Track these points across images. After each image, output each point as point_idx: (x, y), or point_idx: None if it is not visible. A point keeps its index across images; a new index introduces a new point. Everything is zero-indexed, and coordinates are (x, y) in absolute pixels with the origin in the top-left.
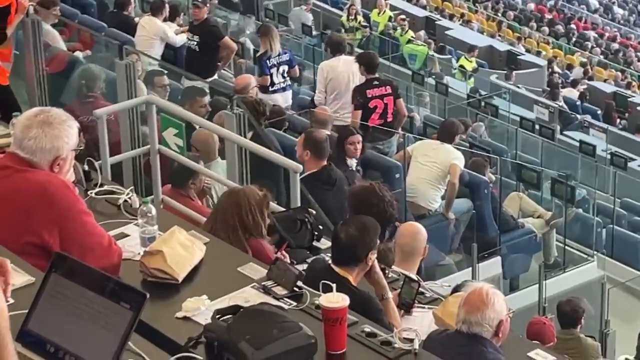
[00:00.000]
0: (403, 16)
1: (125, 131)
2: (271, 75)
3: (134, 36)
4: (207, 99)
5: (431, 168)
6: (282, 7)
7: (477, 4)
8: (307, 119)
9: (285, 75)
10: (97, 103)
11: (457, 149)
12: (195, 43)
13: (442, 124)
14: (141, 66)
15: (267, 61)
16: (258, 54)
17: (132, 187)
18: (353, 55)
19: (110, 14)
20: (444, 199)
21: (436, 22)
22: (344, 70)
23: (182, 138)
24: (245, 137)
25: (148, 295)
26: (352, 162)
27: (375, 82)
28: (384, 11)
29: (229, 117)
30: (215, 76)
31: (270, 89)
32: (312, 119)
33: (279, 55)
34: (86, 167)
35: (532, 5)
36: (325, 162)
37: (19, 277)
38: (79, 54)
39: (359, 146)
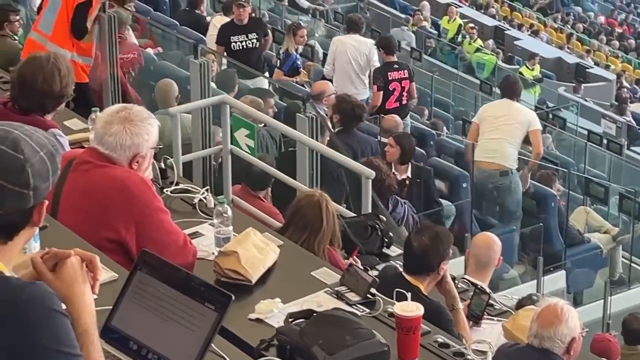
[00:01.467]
0: (472, 25)
1: (197, 130)
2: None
3: (205, 35)
4: (274, 99)
5: (511, 126)
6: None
7: (546, 15)
8: (375, 124)
9: None
10: None
11: None
12: (255, 40)
13: (505, 81)
14: (216, 66)
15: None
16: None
17: (207, 187)
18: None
19: (182, 12)
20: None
21: (505, 32)
22: (351, 47)
23: (253, 139)
24: (317, 140)
25: (233, 297)
26: None
27: (395, 66)
28: (454, 19)
29: (302, 120)
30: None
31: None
32: (381, 125)
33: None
34: (163, 165)
35: (602, 19)
36: None
37: (104, 273)
38: (150, 51)
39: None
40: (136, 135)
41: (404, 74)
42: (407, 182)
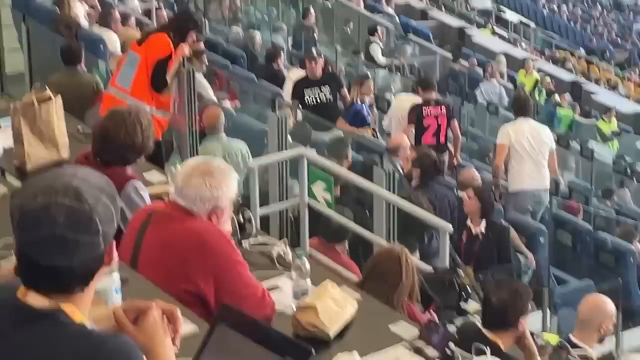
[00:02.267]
0: (549, 79)
1: (274, 183)
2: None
3: (282, 88)
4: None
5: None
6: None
7: (624, 70)
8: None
9: None
10: None
11: None
12: (328, 93)
13: (517, 100)
14: (292, 120)
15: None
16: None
17: (285, 240)
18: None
19: (260, 65)
20: None
21: (582, 86)
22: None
23: (330, 192)
24: (393, 193)
25: (314, 352)
26: None
27: (432, 102)
28: (531, 73)
29: (379, 173)
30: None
31: None
32: (458, 177)
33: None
34: (241, 218)
35: None
36: None
37: (184, 326)
38: (228, 105)
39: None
40: (215, 188)
41: (441, 111)
42: (482, 236)
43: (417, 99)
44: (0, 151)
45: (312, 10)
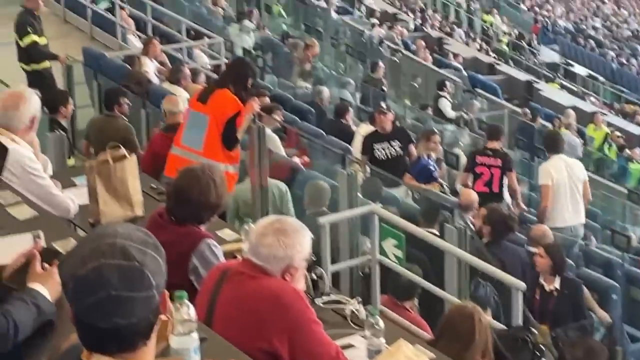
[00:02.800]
0: (618, 133)
1: (345, 240)
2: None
3: (351, 144)
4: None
5: (578, 184)
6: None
7: None
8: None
9: None
10: None
11: None
12: (398, 148)
13: (549, 137)
14: (362, 175)
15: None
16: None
17: (358, 298)
18: None
19: (328, 121)
20: None
21: None
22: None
23: (401, 249)
24: (466, 250)
25: None
26: None
27: (489, 151)
28: (601, 127)
29: (450, 230)
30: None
31: None
32: (529, 234)
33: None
34: (314, 276)
35: None
36: None
37: None
38: (298, 161)
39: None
40: (289, 247)
41: (496, 162)
42: (556, 293)
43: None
44: (75, 208)
45: (380, 63)
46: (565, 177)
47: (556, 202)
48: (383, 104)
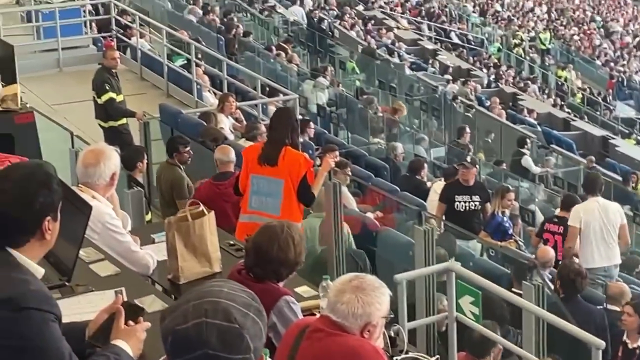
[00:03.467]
0: None
1: (421, 297)
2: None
3: (425, 200)
4: None
5: (610, 228)
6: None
7: None
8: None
9: None
10: None
11: None
12: (477, 203)
13: (587, 178)
14: (438, 232)
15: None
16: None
17: (438, 357)
18: None
19: (403, 177)
20: None
21: None
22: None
23: (478, 306)
24: (542, 307)
25: None
26: None
27: (555, 219)
28: None
29: (528, 288)
30: None
31: None
32: (606, 292)
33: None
34: (392, 333)
35: None
36: None
37: None
38: (370, 216)
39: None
40: (368, 304)
41: (558, 229)
42: (638, 350)
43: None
44: (154, 265)
45: (467, 129)
46: (596, 219)
47: (585, 243)
48: (468, 158)
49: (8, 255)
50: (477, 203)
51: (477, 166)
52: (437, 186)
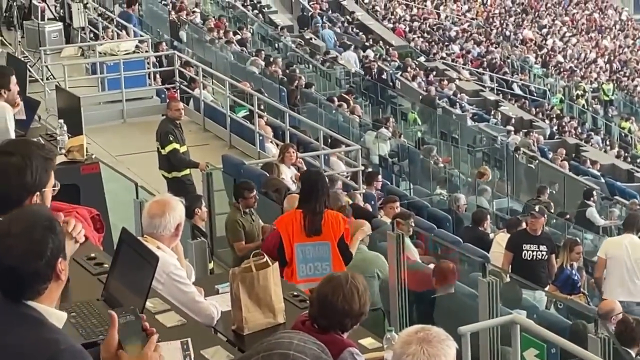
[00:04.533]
0: None
1: (485, 350)
2: None
3: (488, 251)
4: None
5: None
6: None
7: None
8: None
9: None
10: None
11: None
12: (545, 252)
13: (629, 216)
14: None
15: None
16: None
17: None
18: None
19: (466, 228)
20: None
21: None
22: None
23: (543, 359)
24: None
25: None
26: None
27: None
28: None
29: (593, 340)
30: None
31: None
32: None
33: None
34: None
35: None
36: None
37: None
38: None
39: None
40: (433, 356)
41: None
42: None
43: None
44: (218, 315)
45: (548, 189)
46: (622, 255)
47: (609, 276)
48: (537, 207)
49: (31, 310)
50: (544, 252)
51: (545, 216)
52: (500, 238)
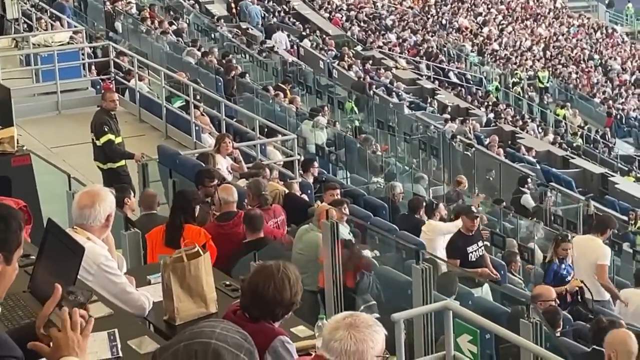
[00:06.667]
0: None
1: (419, 336)
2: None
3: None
4: None
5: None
6: None
7: None
8: None
9: None
10: None
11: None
12: (482, 247)
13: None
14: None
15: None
16: (547, 260)
17: None
18: None
19: (401, 216)
20: None
21: None
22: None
23: (476, 344)
24: (541, 345)
25: None
26: None
27: None
28: None
29: (525, 325)
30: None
31: None
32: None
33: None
34: None
35: None
36: None
37: None
38: (369, 254)
39: None
40: (361, 341)
41: None
42: None
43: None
44: (150, 306)
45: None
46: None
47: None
48: (474, 208)
49: None
50: (482, 247)
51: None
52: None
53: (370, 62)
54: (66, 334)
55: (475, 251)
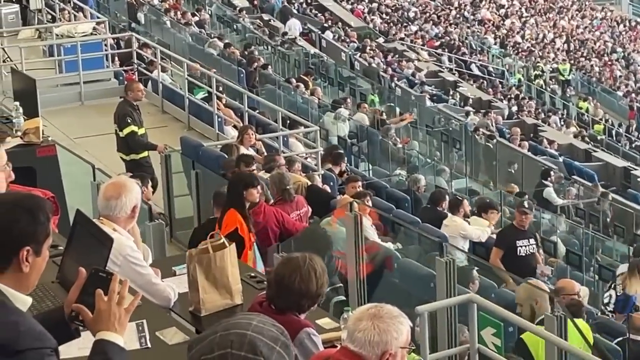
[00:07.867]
0: None
1: (443, 328)
2: None
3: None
4: None
5: None
6: None
7: None
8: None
9: None
10: None
11: None
12: (534, 246)
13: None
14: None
15: None
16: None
17: None
18: None
19: (423, 209)
20: None
21: None
22: None
23: (500, 337)
24: (565, 339)
25: None
26: None
27: None
28: None
29: (550, 319)
30: None
31: None
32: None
33: None
34: None
35: None
36: None
37: None
38: (391, 247)
39: None
40: (385, 332)
41: None
42: None
43: None
44: (175, 297)
45: None
46: None
47: None
48: (525, 203)
49: None
50: (534, 246)
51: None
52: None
53: (392, 54)
54: (110, 306)
55: (525, 246)
